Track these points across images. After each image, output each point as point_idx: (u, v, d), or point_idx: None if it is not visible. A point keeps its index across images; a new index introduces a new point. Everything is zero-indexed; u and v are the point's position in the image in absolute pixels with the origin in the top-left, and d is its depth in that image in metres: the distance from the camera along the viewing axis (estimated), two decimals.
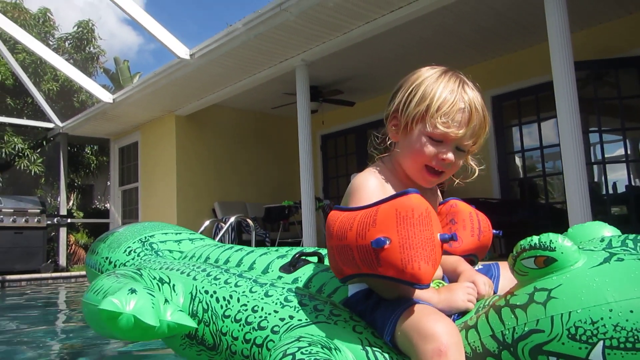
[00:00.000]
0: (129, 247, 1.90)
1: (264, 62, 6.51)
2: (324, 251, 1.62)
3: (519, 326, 1.05)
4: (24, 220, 8.67)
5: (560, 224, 4.19)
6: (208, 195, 8.63)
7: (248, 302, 1.41)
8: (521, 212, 6.56)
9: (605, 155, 6.39)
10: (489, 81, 7.17)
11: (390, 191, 1.33)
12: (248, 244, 6.07)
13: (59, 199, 10.31)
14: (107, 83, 17.51)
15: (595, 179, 6.68)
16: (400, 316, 1.15)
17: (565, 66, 4.09)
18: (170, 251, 1.91)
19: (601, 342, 0.95)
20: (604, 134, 6.48)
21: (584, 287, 1.00)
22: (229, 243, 7.35)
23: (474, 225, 1.51)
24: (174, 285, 1.52)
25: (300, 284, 1.51)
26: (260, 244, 7.33)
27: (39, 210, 8.91)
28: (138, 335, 1.28)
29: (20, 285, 7.59)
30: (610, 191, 6.61)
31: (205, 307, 1.46)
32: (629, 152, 6.12)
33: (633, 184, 6.09)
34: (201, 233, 6.20)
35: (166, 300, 1.31)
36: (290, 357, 1.08)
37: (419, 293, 1.21)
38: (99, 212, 12.70)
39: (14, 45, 10.36)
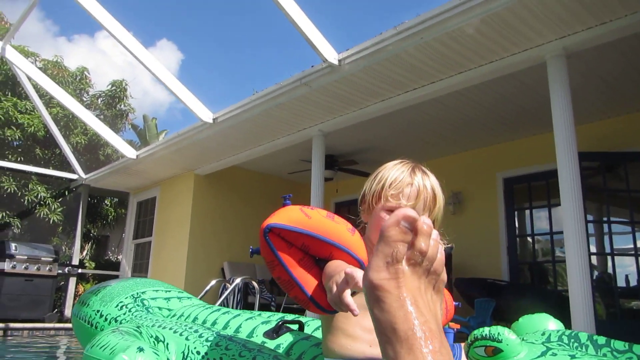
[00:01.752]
0: (121, 302, 1.96)
1: (282, 130, 6.79)
2: (304, 319, 1.70)
3: None
4: (35, 267, 8.78)
5: (565, 311, 4.15)
6: (218, 255, 8.71)
7: None
8: (528, 296, 6.47)
9: (619, 247, 6.38)
10: (501, 163, 7.32)
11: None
12: (253, 306, 6.08)
13: (73, 249, 10.47)
14: (134, 139, 18.18)
15: (609, 271, 6.62)
16: None
17: (570, 157, 4.20)
18: (160, 308, 1.98)
19: None
20: (620, 226, 6.50)
21: None
22: (234, 304, 7.36)
23: (446, 305, 1.63)
24: (167, 344, 1.59)
25: (282, 351, 1.59)
26: (265, 307, 7.30)
27: (51, 259, 9.04)
28: None
29: (22, 335, 7.59)
30: (623, 284, 6.52)
31: None
32: (638, 245, 6.08)
33: None
34: (207, 292, 6.25)
35: (168, 359, 1.39)
36: None
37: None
38: (111, 263, 12.82)
39: (49, 100, 10.96)
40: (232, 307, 7.31)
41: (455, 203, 7.63)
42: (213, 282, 6.32)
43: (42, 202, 11.08)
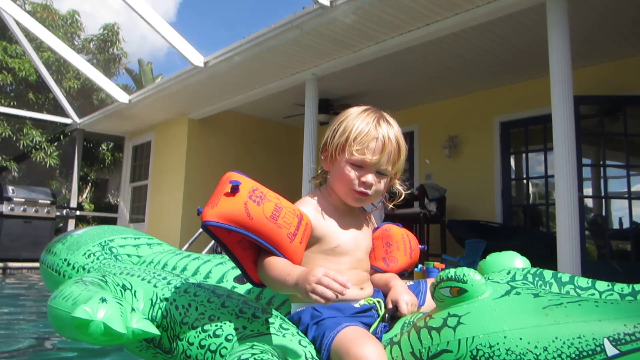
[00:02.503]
0: (89, 250, 1.95)
1: (275, 74, 6.65)
2: None
3: (433, 346, 1.21)
4: (34, 210, 8.89)
5: (555, 252, 4.22)
6: None
7: (205, 311, 1.52)
8: (520, 238, 6.57)
9: (616, 190, 6.39)
10: (498, 107, 7.22)
11: (325, 215, 1.52)
12: None
13: (71, 192, 10.56)
14: (130, 84, 17.90)
15: (604, 213, 6.67)
16: (333, 340, 1.28)
17: (565, 100, 4.13)
18: (129, 255, 1.97)
19: None
20: (618, 170, 6.49)
21: (487, 315, 1.17)
22: None
23: (407, 246, 1.68)
24: (135, 291, 1.60)
25: (252, 296, 1.61)
26: None
27: (49, 202, 9.13)
28: (105, 341, 1.35)
29: (21, 273, 7.78)
30: (617, 226, 6.59)
31: (165, 313, 1.55)
32: (632, 189, 6.10)
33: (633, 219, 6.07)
34: (199, 237, 6.32)
35: (133, 309, 1.39)
36: None
37: (273, 262, 1.35)
38: (110, 206, 12.93)
39: (40, 44, 10.69)
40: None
41: (451, 147, 7.59)
42: None
43: (37, 147, 11.05)
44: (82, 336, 1.33)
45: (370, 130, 1.46)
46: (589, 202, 7.08)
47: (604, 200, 6.59)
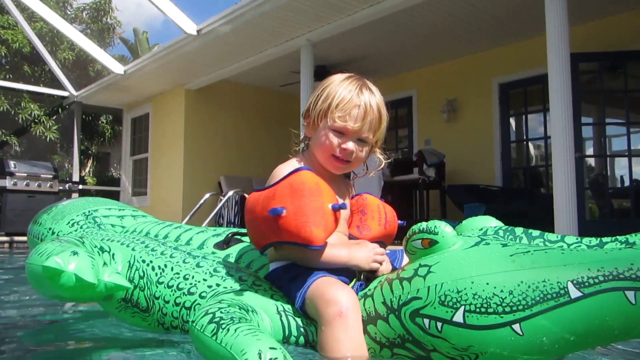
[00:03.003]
0: (73, 219, 1.98)
1: (269, 41, 6.56)
2: None
3: (403, 294, 1.26)
4: (36, 184, 8.94)
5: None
6: (214, 169, 8.78)
7: (180, 271, 1.58)
8: (520, 200, 6.57)
9: (618, 149, 6.35)
10: (496, 68, 7.12)
11: None
12: None
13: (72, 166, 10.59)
14: (127, 54, 17.71)
15: (607, 173, 6.65)
16: (309, 287, 1.34)
17: (561, 58, 4.07)
18: (113, 225, 2.01)
19: (462, 307, 1.16)
20: (619, 128, 6.42)
21: (455, 264, 1.22)
22: (231, 216, 7.52)
23: (381, 216, 1.68)
24: (113, 254, 1.65)
25: (232, 260, 1.64)
26: None
27: (51, 176, 9.17)
28: (78, 294, 1.40)
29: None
30: (619, 185, 6.57)
31: (142, 274, 1.60)
32: (632, 147, 6.05)
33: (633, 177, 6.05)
34: (201, 206, 6.36)
35: (105, 264, 1.44)
36: (211, 315, 1.24)
37: (331, 252, 1.41)
38: (113, 180, 13.00)
39: (32, 14, 10.52)
40: (228, 220, 7.50)
41: (449, 111, 7.52)
42: (207, 196, 6.42)
43: (36, 120, 11.03)
44: (54, 288, 1.37)
45: (352, 98, 1.47)
46: (592, 162, 7.05)
47: (607, 159, 6.55)
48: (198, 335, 1.23)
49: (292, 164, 1.56)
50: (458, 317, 1.16)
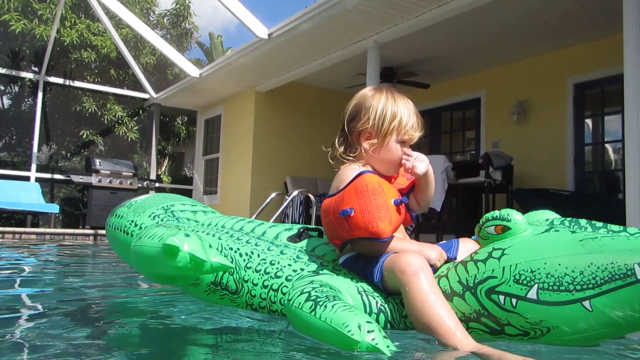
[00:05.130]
0: (153, 212, 2.15)
1: (337, 43, 6.69)
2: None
3: (479, 274, 1.40)
4: (118, 182, 9.60)
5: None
6: (281, 169, 9.03)
7: (266, 257, 1.75)
8: (593, 206, 6.28)
9: None
10: (571, 68, 6.85)
11: None
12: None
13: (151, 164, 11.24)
14: (202, 57, 18.50)
15: None
16: (384, 262, 1.52)
17: (638, 55, 3.89)
18: (188, 219, 2.19)
19: (536, 285, 1.29)
20: None
21: (528, 247, 1.35)
22: (296, 216, 7.71)
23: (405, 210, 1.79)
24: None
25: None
26: None
27: (131, 174, 9.82)
28: (188, 272, 1.52)
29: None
30: None
31: (230, 260, 1.76)
32: None
33: None
34: (267, 205, 6.58)
35: (210, 246, 1.57)
36: (307, 294, 1.40)
37: (398, 245, 1.56)
38: (186, 179, 13.64)
39: (119, 22, 11.29)
40: (293, 219, 7.69)
41: (519, 112, 7.32)
42: (273, 195, 6.61)
43: (120, 121, 11.81)
44: (168, 267, 1.50)
45: (411, 112, 1.73)
46: None
47: None
48: (296, 311, 1.38)
49: (354, 168, 1.71)
50: (532, 294, 1.29)
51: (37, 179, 9.75)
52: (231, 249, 1.81)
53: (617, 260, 1.22)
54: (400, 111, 1.71)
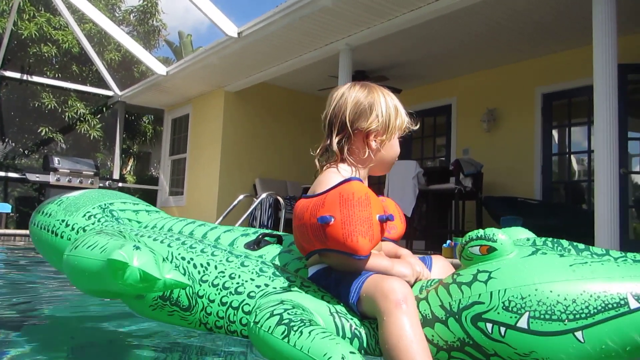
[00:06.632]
0: (89, 212, 1.91)
1: (309, 44, 6.57)
2: (282, 233, 1.72)
3: (464, 298, 1.28)
4: (78, 181, 9.21)
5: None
6: (250, 171, 8.85)
7: (225, 269, 1.54)
8: (559, 215, 6.34)
9: None
10: (540, 78, 6.92)
11: None
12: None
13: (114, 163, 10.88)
14: (171, 56, 18.12)
15: None
16: (364, 283, 1.36)
17: (608, 68, 3.91)
18: (129, 220, 1.95)
19: (527, 313, 1.20)
20: None
21: (517, 271, 1.25)
22: (264, 218, 7.55)
23: (401, 214, 1.76)
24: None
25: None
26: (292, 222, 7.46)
27: (92, 173, 9.45)
28: (138, 290, 1.32)
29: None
30: None
31: (182, 271, 1.55)
32: None
33: None
34: (235, 207, 6.39)
35: (164, 259, 1.38)
36: (278, 317, 1.22)
37: (374, 261, 1.43)
38: (152, 179, 13.28)
39: (82, 16, 10.90)
40: (261, 222, 7.52)
41: (490, 120, 7.35)
42: (241, 197, 6.45)
43: (81, 119, 11.39)
44: (112, 284, 1.30)
45: (400, 105, 1.67)
46: (639, 179, 6.75)
47: None
48: (264, 336, 1.21)
49: (340, 172, 1.56)
50: (522, 323, 1.20)
51: None
52: (184, 258, 1.59)
53: (610, 289, 1.18)
54: (398, 105, 1.66)
